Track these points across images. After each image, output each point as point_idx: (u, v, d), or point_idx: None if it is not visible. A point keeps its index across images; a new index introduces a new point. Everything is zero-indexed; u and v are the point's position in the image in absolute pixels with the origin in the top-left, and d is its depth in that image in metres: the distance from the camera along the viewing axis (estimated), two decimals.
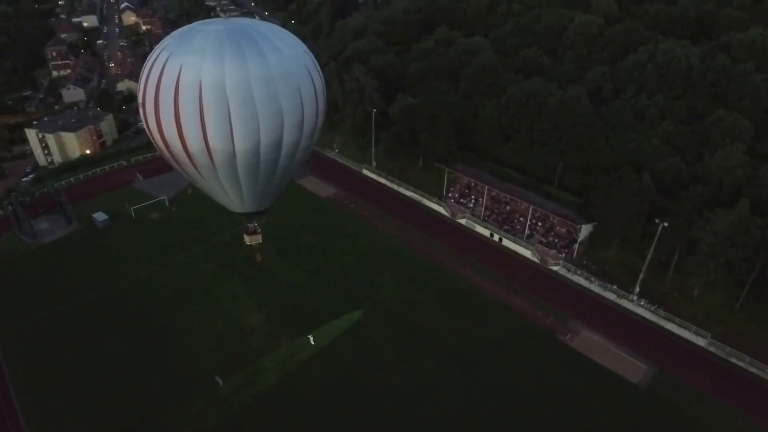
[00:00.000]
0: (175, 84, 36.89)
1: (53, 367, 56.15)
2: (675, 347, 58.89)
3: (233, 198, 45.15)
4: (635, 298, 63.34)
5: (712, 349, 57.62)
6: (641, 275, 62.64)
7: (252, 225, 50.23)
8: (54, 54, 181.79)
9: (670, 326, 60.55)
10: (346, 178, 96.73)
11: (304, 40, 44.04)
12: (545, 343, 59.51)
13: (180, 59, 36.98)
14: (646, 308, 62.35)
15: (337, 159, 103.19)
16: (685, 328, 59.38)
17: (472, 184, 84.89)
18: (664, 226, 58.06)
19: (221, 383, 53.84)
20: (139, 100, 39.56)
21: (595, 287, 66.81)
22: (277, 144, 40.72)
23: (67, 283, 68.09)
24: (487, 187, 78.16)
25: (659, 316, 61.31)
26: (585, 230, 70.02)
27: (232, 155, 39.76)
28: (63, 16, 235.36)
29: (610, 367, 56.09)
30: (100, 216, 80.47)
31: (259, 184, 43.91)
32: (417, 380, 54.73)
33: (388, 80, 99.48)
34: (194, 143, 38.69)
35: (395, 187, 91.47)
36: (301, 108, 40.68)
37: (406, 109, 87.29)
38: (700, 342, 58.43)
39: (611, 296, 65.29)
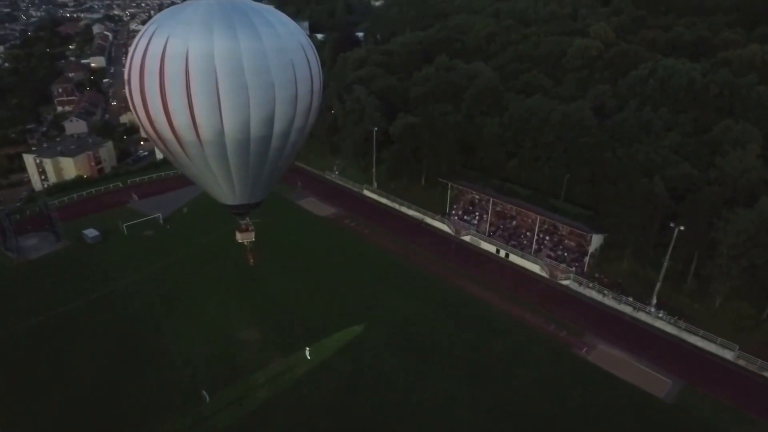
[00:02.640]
0: (161, 54, 35.15)
1: (24, 384, 51.36)
2: (700, 361, 54.61)
3: (223, 185, 42.47)
4: (653, 310, 59.53)
5: (741, 362, 53.34)
6: (658, 285, 59.14)
7: (244, 222, 47.65)
8: (60, 90, 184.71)
9: (693, 339, 56.46)
10: (347, 198, 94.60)
11: None
12: (560, 357, 55.22)
13: (168, 30, 35.47)
14: (665, 321, 58.44)
15: (338, 181, 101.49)
16: (710, 340, 55.27)
17: (476, 200, 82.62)
18: (680, 230, 55.19)
19: (208, 398, 49.18)
20: (125, 77, 37.65)
21: (609, 300, 63.08)
22: (269, 120, 38.47)
23: (47, 296, 64.05)
24: (492, 200, 75.82)
25: (680, 328, 57.32)
26: (596, 241, 67.03)
27: (220, 131, 37.40)
28: (72, 58, 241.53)
29: (632, 381, 51.61)
30: (90, 232, 77.59)
31: (251, 168, 41.31)
32: (422, 395, 50.13)
33: (389, 102, 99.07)
34: (180, 117, 36.45)
35: (397, 206, 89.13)
36: (294, 84, 38.67)
37: (408, 127, 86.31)
38: (728, 355, 54.18)
39: (627, 309, 61.48)
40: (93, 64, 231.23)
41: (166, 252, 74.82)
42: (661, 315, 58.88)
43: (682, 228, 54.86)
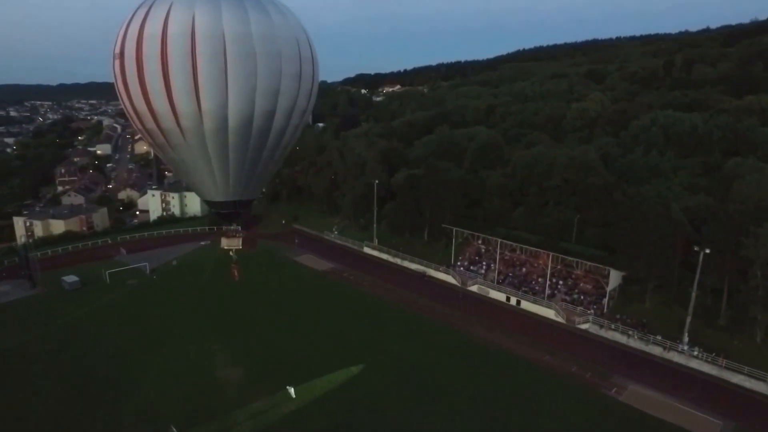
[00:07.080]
0: (164, 19, 34.05)
1: None
2: (749, 401, 47.34)
3: (217, 173, 39.40)
4: (686, 348, 53.12)
5: None
6: (688, 320, 53.28)
7: (232, 228, 44.08)
8: (62, 171, 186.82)
9: (737, 378, 49.52)
10: (346, 255, 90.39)
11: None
12: (588, 398, 47.90)
13: (169, 0, 34.74)
14: (701, 359, 51.80)
15: (337, 240, 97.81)
16: (758, 379, 48.36)
17: (483, 250, 78.50)
18: (706, 255, 50.86)
19: None
20: (117, 50, 35.95)
21: (634, 342, 56.67)
22: (275, 93, 36.65)
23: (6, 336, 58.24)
24: (500, 241, 71.74)
25: (720, 367, 50.59)
26: (614, 279, 61.94)
27: (224, 102, 35.40)
28: (80, 147, 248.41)
29: (676, 422, 44.12)
30: (69, 278, 72.31)
31: (250, 151, 38.63)
32: None
33: (390, 163, 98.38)
34: (181, 82, 34.39)
35: (399, 261, 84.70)
36: (298, 60, 37.59)
37: (411, 178, 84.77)
38: None
39: (656, 350, 54.95)
40: (99, 152, 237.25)
41: (149, 298, 69.38)
42: (695, 353, 52.38)
43: (707, 251, 50.61)
